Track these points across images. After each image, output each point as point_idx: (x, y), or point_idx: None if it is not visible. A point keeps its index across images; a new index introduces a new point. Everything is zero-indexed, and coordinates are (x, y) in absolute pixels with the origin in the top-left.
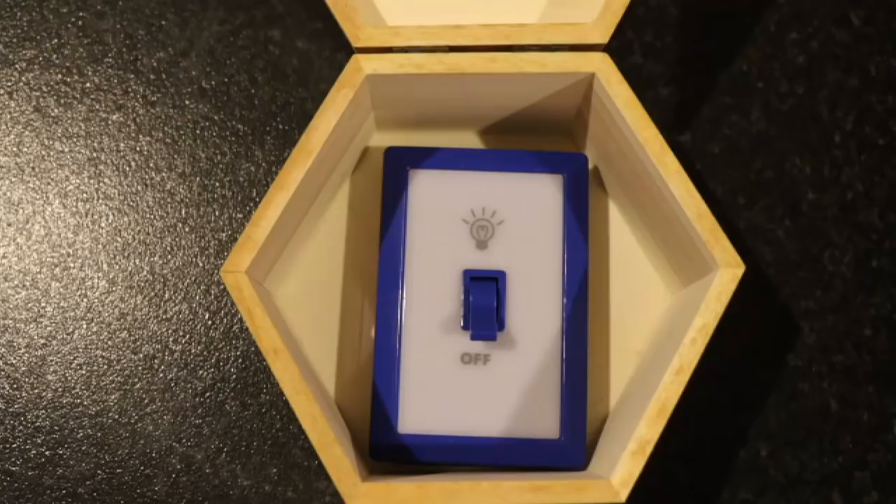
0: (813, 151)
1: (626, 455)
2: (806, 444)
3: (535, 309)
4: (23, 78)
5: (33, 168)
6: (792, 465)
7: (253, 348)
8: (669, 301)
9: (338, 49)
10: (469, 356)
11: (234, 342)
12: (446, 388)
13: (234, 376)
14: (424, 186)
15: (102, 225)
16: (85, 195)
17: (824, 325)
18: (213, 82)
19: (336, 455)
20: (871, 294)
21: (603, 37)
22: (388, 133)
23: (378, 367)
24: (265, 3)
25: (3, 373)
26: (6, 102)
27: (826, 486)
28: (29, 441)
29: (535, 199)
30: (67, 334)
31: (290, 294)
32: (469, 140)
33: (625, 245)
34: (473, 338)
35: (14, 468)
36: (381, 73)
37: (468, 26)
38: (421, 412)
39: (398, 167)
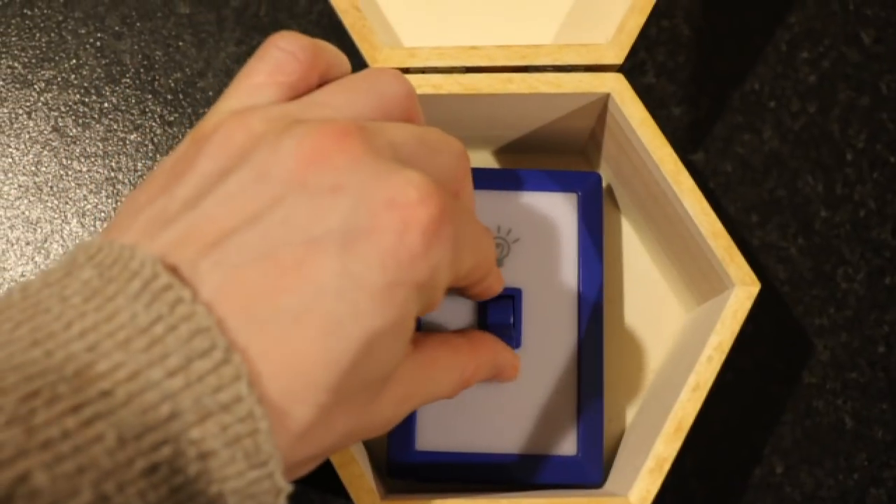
0: (825, 169)
1: (643, 472)
2: (821, 461)
3: (551, 326)
4: (41, 98)
5: (51, 187)
6: (807, 483)
7: None
8: (684, 319)
9: (354, 70)
10: None
11: None
12: (463, 406)
13: None
14: None
15: None
16: (103, 214)
17: (838, 342)
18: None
19: (355, 473)
20: (884, 311)
21: (617, 57)
22: None
23: None
24: (281, 23)
25: None
26: (25, 122)
27: (842, 503)
28: None
29: (550, 217)
30: None
31: None
32: (484, 159)
33: (639, 263)
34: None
35: None
36: None
37: (484, 47)
38: (438, 430)
39: None
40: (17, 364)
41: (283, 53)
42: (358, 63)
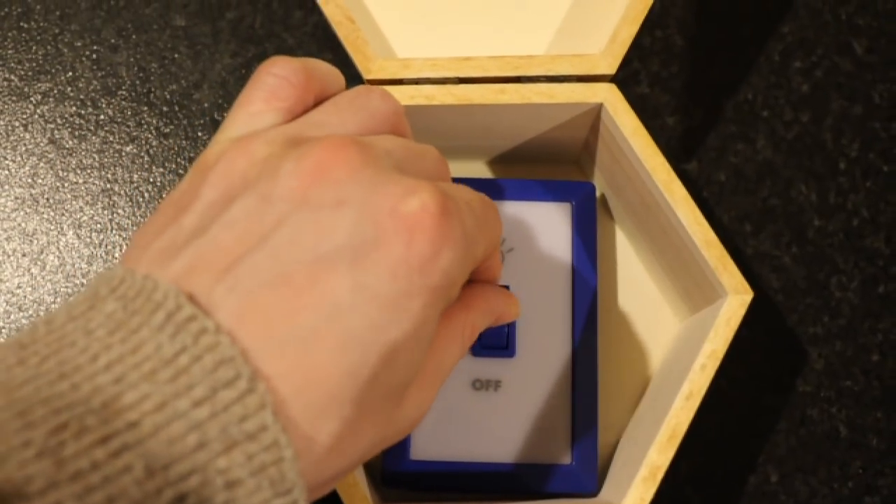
0: (818, 178)
1: (637, 481)
2: (816, 469)
3: (545, 335)
4: (38, 110)
5: (48, 199)
6: (802, 491)
7: None
8: (678, 327)
9: (349, 81)
10: (480, 382)
11: None
12: (457, 415)
13: None
14: None
15: (116, 255)
16: (99, 226)
17: (832, 350)
18: (225, 114)
19: (350, 482)
20: (878, 319)
21: (610, 67)
22: None
23: None
24: (276, 35)
25: None
26: (21, 135)
27: None
28: None
29: (544, 227)
30: None
31: None
32: (478, 169)
33: (633, 272)
34: (482, 347)
35: None
36: None
37: (477, 58)
38: (433, 439)
39: None
40: (45, 398)
41: (276, 79)
42: (352, 74)
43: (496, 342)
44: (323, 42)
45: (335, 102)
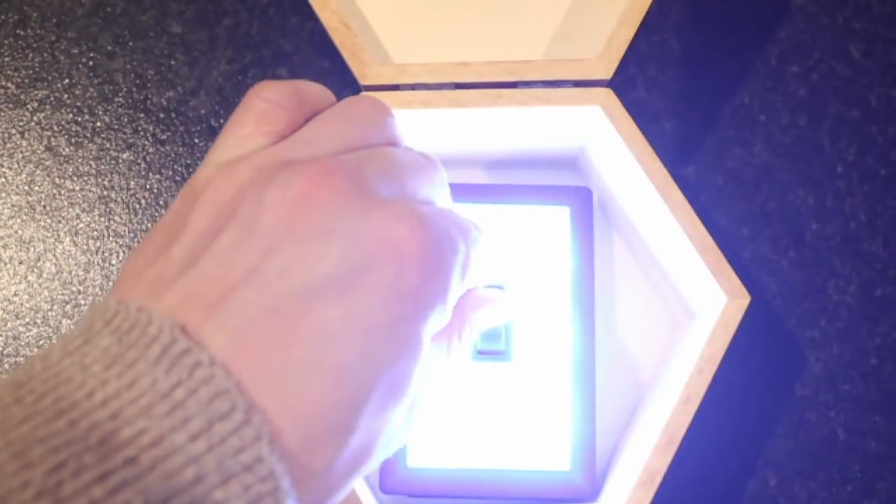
0: (816, 182)
1: (635, 485)
2: (814, 473)
3: (543, 341)
4: (34, 118)
5: (44, 206)
6: (801, 495)
7: None
8: (676, 332)
9: (345, 86)
10: (477, 387)
11: None
12: (455, 422)
13: None
14: None
15: (113, 262)
16: (95, 233)
17: (830, 354)
18: (221, 120)
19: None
20: (876, 323)
21: (607, 72)
22: None
23: None
24: (273, 41)
25: None
26: (18, 142)
27: None
28: None
29: (541, 232)
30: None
31: None
32: (475, 174)
33: (630, 276)
34: (480, 353)
35: None
36: None
37: (473, 64)
38: (430, 446)
39: None
40: (43, 436)
41: (266, 104)
42: (349, 79)
43: (494, 348)
44: (320, 48)
45: (325, 117)
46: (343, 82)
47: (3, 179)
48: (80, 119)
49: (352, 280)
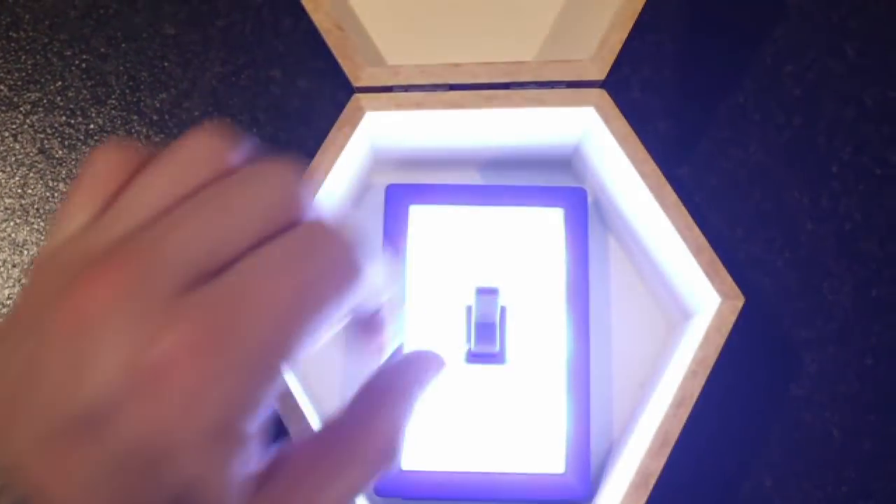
0: (811, 182)
1: (629, 488)
2: (810, 473)
3: (538, 343)
4: (27, 120)
5: (38, 209)
6: (796, 496)
7: None
8: (670, 333)
9: (338, 88)
10: (472, 390)
11: None
12: (449, 423)
13: None
14: (425, 222)
15: None
16: None
17: (825, 355)
18: (215, 122)
19: None
20: (871, 323)
21: (600, 73)
22: (388, 170)
23: None
24: (266, 43)
25: None
26: (11, 145)
27: None
28: None
29: (536, 233)
30: None
31: None
32: (469, 176)
33: (625, 277)
34: (474, 356)
35: None
36: (382, 111)
37: (467, 65)
38: (424, 449)
39: (399, 203)
40: None
41: (97, 166)
42: (342, 81)
43: (488, 350)
44: (313, 49)
45: (147, 172)
46: (337, 84)
47: None
48: (73, 121)
49: (98, 421)
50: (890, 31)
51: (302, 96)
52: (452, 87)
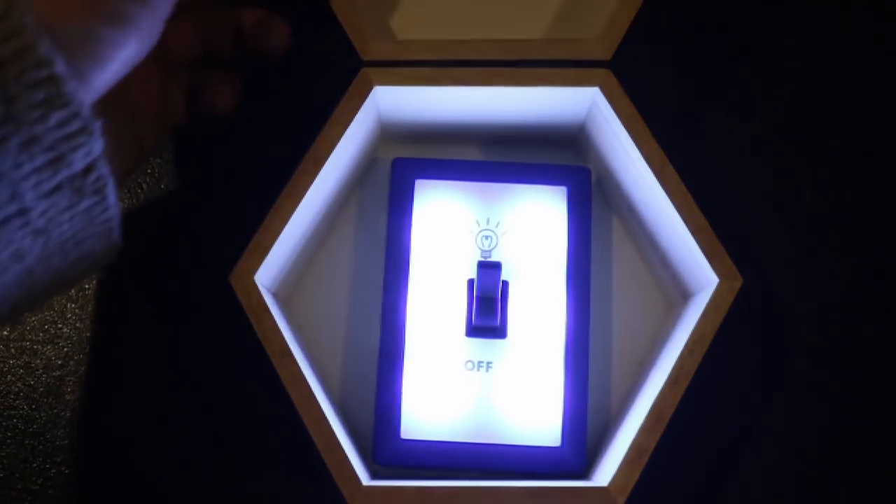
0: (812, 162)
1: (623, 463)
2: (809, 450)
3: (538, 318)
4: None
5: None
6: (796, 472)
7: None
8: (669, 312)
9: (346, 59)
10: (472, 363)
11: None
12: (449, 395)
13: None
14: (430, 197)
15: None
16: None
17: (825, 334)
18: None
19: (339, 458)
20: (871, 301)
21: (606, 53)
22: (395, 144)
23: (381, 373)
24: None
25: (22, 393)
26: None
27: (835, 480)
28: (49, 460)
29: (539, 210)
30: (84, 354)
31: (299, 300)
32: (474, 152)
33: (626, 256)
34: (474, 329)
35: (34, 487)
36: (390, 85)
37: (474, 41)
38: (424, 418)
39: (405, 178)
40: None
41: None
42: (351, 55)
43: (489, 324)
44: (322, 23)
45: None
46: (345, 58)
47: None
48: None
49: None
50: (889, 4)
51: (310, 67)
52: (460, 63)
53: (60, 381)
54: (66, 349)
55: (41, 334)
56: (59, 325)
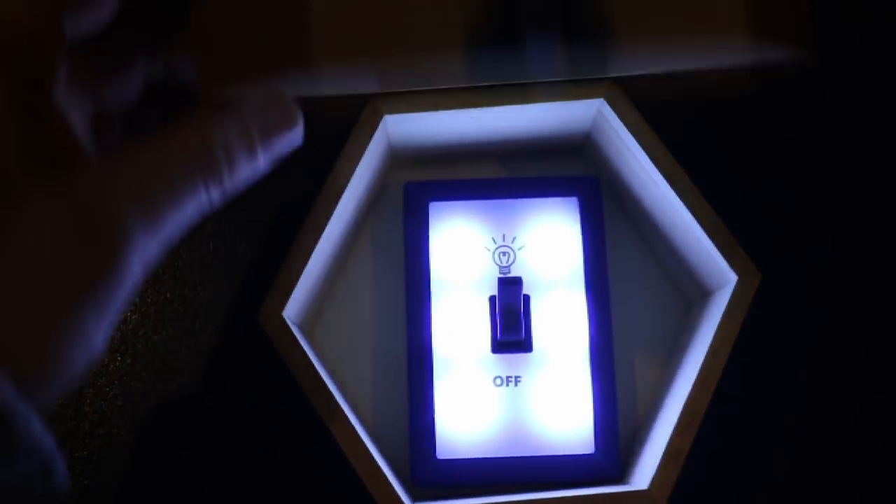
0: (823, 162)
1: (661, 464)
2: (837, 444)
3: (561, 328)
4: None
5: None
6: (824, 467)
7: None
8: (689, 312)
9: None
10: (501, 379)
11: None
12: (481, 412)
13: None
14: (445, 218)
15: None
16: None
17: (845, 331)
18: None
19: (382, 482)
20: (888, 298)
21: None
22: (404, 167)
23: (413, 396)
24: None
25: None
26: None
27: (860, 467)
28: (68, 472)
29: (553, 222)
30: (102, 366)
31: (322, 329)
32: (482, 168)
33: (643, 261)
34: (500, 345)
35: None
36: (398, 113)
37: None
38: (457, 437)
39: (418, 201)
40: None
41: None
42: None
43: (514, 339)
44: None
45: None
46: None
47: None
48: None
49: None
50: None
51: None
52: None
53: (79, 393)
54: None
55: None
56: None
